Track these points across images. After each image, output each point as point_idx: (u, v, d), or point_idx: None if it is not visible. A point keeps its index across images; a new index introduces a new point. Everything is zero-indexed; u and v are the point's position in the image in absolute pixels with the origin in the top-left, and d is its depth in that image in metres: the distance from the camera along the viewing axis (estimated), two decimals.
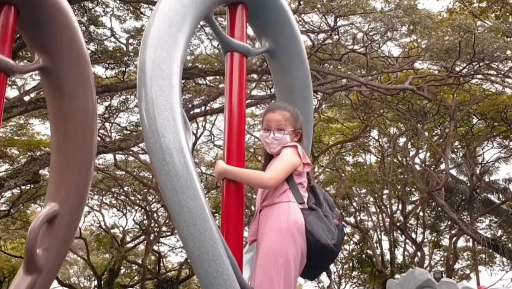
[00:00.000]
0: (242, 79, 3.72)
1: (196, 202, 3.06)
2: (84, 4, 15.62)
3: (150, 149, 3.12)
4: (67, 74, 2.77)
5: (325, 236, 3.39)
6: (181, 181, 3.05)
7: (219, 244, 3.08)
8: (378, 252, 27.89)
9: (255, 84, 17.58)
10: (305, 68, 4.22)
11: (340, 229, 3.59)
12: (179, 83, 3.32)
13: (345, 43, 16.94)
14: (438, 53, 15.24)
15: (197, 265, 3.07)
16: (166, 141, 3.09)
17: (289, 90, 4.20)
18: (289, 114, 3.68)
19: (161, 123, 3.10)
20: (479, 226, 28.79)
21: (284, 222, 3.36)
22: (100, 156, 23.25)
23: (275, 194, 3.49)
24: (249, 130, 23.70)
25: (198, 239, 3.03)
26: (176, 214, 3.06)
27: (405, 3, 14.88)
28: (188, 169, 3.09)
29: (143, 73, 3.17)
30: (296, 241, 3.33)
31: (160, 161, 3.07)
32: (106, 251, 31.66)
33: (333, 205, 3.75)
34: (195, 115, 16.50)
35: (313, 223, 3.41)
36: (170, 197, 3.06)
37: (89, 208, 28.95)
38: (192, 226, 3.04)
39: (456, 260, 28.08)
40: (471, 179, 26.28)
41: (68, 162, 2.89)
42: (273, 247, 3.31)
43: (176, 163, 3.07)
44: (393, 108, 20.71)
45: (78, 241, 29.60)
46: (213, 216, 3.18)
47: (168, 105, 3.16)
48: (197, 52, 18.53)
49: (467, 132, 23.48)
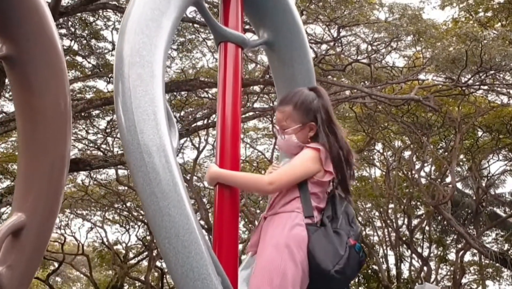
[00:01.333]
0: (237, 73, 3.31)
1: (180, 209, 2.59)
2: (85, 18, 15.50)
3: (126, 147, 2.68)
4: (35, 66, 2.39)
5: (327, 260, 2.89)
6: (161, 185, 2.59)
7: (206, 260, 2.61)
8: (384, 267, 27.57)
9: (257, 97, 17.44)
10: (308, 62, 3.82)
11: (356, 250, 3.01)
12: (162, 72, 2.85)
13: (349, 54, 16.81)
14: (444, 63, 15.00)
15: (180, 285, 2.59)
16: (145, 138, 2.64)
17: (290, 87, 3.70)
18: (290, 108, 3.18)
19: (140, 117, 2.66)
20: (485, 239, 28.48)
21: (282, 236, 2.93)
22: (102, 171, 23.12)
23: (281, 201, 3.06)
24: (252, 144, 23.55)
25: (182, 253, 2.56)
26: (155, 224, 2.60)
27: (410, 13, 14.74)
28: (170, 171, 2.63)
29: (120, 60, 2.76)
30: (295, 257, 2.89)
31: (137, 161, 2.62)
32: (109, 267, 31.43)
33: (354, 220, 3.18)
34: (197, 128, 16.32)
35: (316, 243, 2.93)
36: (148, 203, 2.61)
37: (92, 224, 28.81)
38: (174, 238, 2.57)
39: (463, 274, 27.74)
40: (477, 192, 26.01)
41: (37, 167, 2.44)
42: (268, 265, 2.89)
43: (156, 163, 2.61)
44: (397, 121, 20.51)
45: (81, 258, 29.44)
46: (202, 228, 2.79)
47: (148, 97, 2.72)
48: (199, 66, 18.46)
49: (472, 145, 23.25)
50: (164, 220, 2.57)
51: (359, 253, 3.01)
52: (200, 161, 23.89)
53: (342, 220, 3.07)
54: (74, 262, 29.72)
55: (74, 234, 29.28)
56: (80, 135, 19.97)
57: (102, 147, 19.26)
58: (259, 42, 3.71)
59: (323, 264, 2.87)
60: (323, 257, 2.89)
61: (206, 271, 2.58)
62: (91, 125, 18.85)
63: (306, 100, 3.18)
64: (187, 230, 2.59)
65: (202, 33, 16.05)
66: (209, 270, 2.60)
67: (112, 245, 29.54)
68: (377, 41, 15.94)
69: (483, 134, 23.17)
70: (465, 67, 14.52)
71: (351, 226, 3.09)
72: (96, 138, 19.73)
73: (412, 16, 14.63)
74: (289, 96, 3.25)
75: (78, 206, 26.72)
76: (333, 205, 3.13)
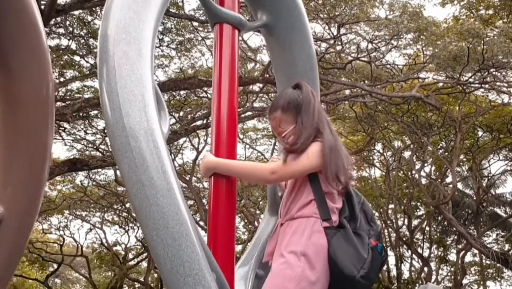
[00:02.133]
0: (233, 57, 3.10)
1: (169, 198, 2.35)
2: (83, 17, 15.39)
3: (110, 131, 2.45)
4: (14, 47, 2.21)
5: (351, 265, 2.69)
6: (149, 171, 2.35)
7: (199, 254, 2.37)
8: (384, 267, 27.48)
9: (256, 96, 17.33)
10: (309, 47, 3.56)
11: (379, 251, 2.84)
12: (150, 51, 2.61)
13: (349, 52, 16.71)
14: (446, 60, 14.87)
15: (169, 281, 2.34)
16: (131, 121, 2.39)
17: (290, 74, 3.50)
18: (279, 113, 3.02)
19: (125, 98, 2.41)
20: (486, 240, 28.40)
21: (300, 244, 2.72)
22: (101, 172, 23.02)
23: (296, 205, 2.86)
24: (252, 145, 23.45)
25: (171, 246, 2.32)
26: (142, 214, 2.36)
27: (410, 10, 14.65)
28: (159, 157, 2.40)
29: (104, 38, 2.52)
30: (315, 268, 2.68)
31: (122, 146, 2.38)
32: (108, 268, 31.32)
33: (373, 218, 3.00)
34: (195, 128, 16.20)
35: (338, 248, 2.72)
36: (135, 192, 2.36)
37: (91, 225, 28.71)
38: (163, 229, 2.32)
39: (464, 275, 27.64)
40: (478, 192, 25.92)
41: (17, 156, 2.25)
42: (283, 271, 2.68)
43: (142, 148, 2.37)
44: (398, 121, 20.41)
45: (80, 259, 29.35)
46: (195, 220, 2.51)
47: (135, 77, 2.46)
48: (198, 65, 18.35)
49: (473, 145, 23.17)
50: (151, 210, 2.34)
51: (381, 253, 2.86)
52: (200, 162, 23.76)
53: (361, 219, 2.92)
54: (73, 263, 29.64)
55: (73, 235, 29.19)
56: (79, 136, 19.85)
57: (100, 147, 19.13)
58: (257, 24, 3.48)
59: (346, 270, 2.69)
60: (346, 262, 2.70)
61: (199, 266, 2.35)
62: (89, 126, 18.72)
63: (291, 99, 3.02)
64: (177, 221, 2.36)
65: (201, 32, 15.95)
66: (201, 265, 2.37)
67: (111, 246, 29.43)
68: (378, 39, 15.84)
69: (484, 134, 23.08)
70: (467, 64, 14.40)
71: (370, 225, 2.94)
72: (94, 139, 19.61)
73: (412, 13, 14.52)
74: (275, 102, 3.11)
75: (77, 207, 26.63)
76: (350, 203, 2.95)
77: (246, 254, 3.32)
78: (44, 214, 25.69)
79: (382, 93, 15.68)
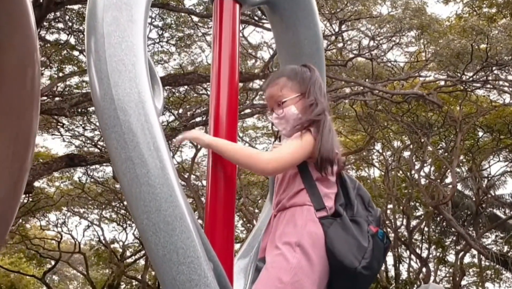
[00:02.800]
0: (234, 34, 2.90)
1: (162, 178, 2.14)
2: (83, 12, 15.29)
3: (97, 104, 2.22)
4: None
5: (351, 256, 2.49)
6: (139, 148, 2.13)
7: (194, 240, 2.15)
8: (382, 268, 27.41)
9: (256, 93, 17.23)
10: (315, 25, 3.33)
11: (380, 238, 2.63)
12: (143, 18, 2.39)
13: (351, 49, 16.63)
14: (449, 58, 14.73)
15: (161, 269, 2.13)
16: (120, 93, 2.16)
17: (295, 54, 3.27)
18: (284, 79, 2.78)
19: (114, 67, 2.18)
20: (484, 241, 28.34)
21: (294, 234, 2.53)
22: (99, 168, 22.91)
23: (287, 195, 2.66)
24: (251, 143, 23.35)
25: (164, 231, 2.10)
26: (131, 195, 2.14)
27: (413, 6, 14.54)
28: (151, 132, 2.18)
29: (93, 3, 2.32)
30: (311, 259, 2.49)
31: (110, 119, 2.15)
32: (105, 266, 31.22)
33: (371, 203, 2.77)
34: (195, 125, 16.08)
35: (335, 238, 2.52)
36: (123, 171, 2.14)
37: (89, 222, 28.62)
38: (155, 212, 2.11)
39: (463, 276, 27.58)
40: (478, 193, 25.85)
41: None
42: (277, 264, 2.49)
43: (132, 122, 2.14)
44: (397, 121, 20.33)
45: (78, 256, 29.28)
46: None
47: (125, 45, 2.23)
48: (198, 62, 18.26)
49: (473, 145, 23.10)
50: (142, 190, 2.12)
51: (383, 240, 2.64)
52: (199, 160, 23.69)
53: (358, 205, 2.70)
54: (70, 260, 29.56)
55: (71, 232, 29.13)
56: (77, 132, 19.76)
57: (99, 144, 19.04)
58: (260, 0, 3.24)
59: (346, 261, 2.49)
60: (345, 253, 2.50)
61: (194, 253, 2.13)
62: (88, 122, 18.61)
63: (299, 71, 2.83)
64: (171, 203, 2.13)
65: (202, 28, 15.86)
66: (197, 252, 2.14)
67: (109, 244, 29.37)
68: (380, 36, 15.75)
69: (484, 134, 23.01)
70: (470, 61, 14.26)
71: (368, 210, 2.71)
72: (93, 135, 19.51)
73: (415, 10, 14.40)
74: (282, 70, 2.94)
75: (75, 204, 26.59)
76: (345, 189, 2.74)
77: (246, 246, 3.15)
78: (42, 210, 25.63)
79: (384, 90, 15.57)
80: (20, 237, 26.81)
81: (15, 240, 27.51)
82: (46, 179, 23.60)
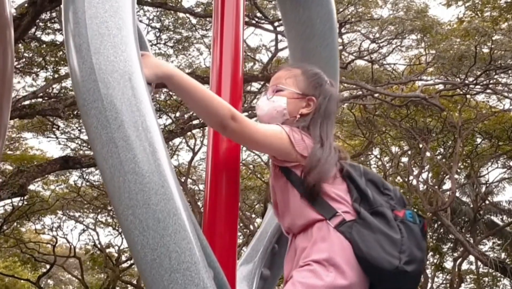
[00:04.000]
0: (238, 27, 2.54)
1: (152, 165, 1.75)
2: None
3: (74, 74, 1.84)
4: None
5: (386, 255, 2.12)
6: (124, 128, 1.75)
7: (192, 242, 1.76)
8: None
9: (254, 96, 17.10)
10: (328, 2, 2.95)
11: (410, 220, 2.24)
12: None
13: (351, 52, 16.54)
14: (451, 60, 14.58)
15: (149, 278, 1.72)
16: (101, 61, 1.79)
17: (305, 36, 2.90)
18: (299, 71, 2.47)
19: (95, 31, 1.82)
20: (482, 248, 28.27)
21: (321, 253, 2.14)
22: (95, 172, 22.71)
23: (291, 216, 2.30)
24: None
25: (153, 230, 1.70)
26: (114, 187, 1.76)
27: (415, 8, 14.46)
28: (139, 109, 1.80)
29: None
30: (345, 273, 2.12)
31: (89, 93, 1.78)
32: (101, 270, 31.07)
33: (385, 184, 2.38)
34: (192, 127, 15.92)
35: (362, 241, 2.15)
36: (104, 156, 1.76)
37: (84, 226, 28.48)
38: (142, 207, 1.71)
39: (461, 283, 27.46)
40: (476, 199, 25.77)
41: None
42: (307, 286, 2.08)
43: (116, 97, 1.76)
44: (396, 126, 20.23)
45: (73, 260, 29.14)
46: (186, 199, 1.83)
47: (110, 4, 1.87)
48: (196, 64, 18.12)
49: (471, 152, 23.02)
50: (127, 180, 1.73)
51: (415, 221, 2.26)
52: (196, 163, 23.53)
53: (372, 194, 2.29)
54: (66, 264, 29.39)
55: (66, 236, 28.98)
56: (73, 135, 19.62)
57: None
58: None
59: (383, 263, 2.12)
60: (378, 255, 2.12)
61: (191, 258, 1.73)
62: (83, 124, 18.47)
63: (319, 76, 2.50)
64: (163, 195, 1.74)
65: (200, 30, 15.75)
66: (195, 257, 1.74)
67: (104, 248, 29.18)
68: (380, 38, 15.66)
69: (482, 141, 22.95)
70: (474, 64, 14.08)
71: (384, 193, 2.33)
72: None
73: (417, 11, 14.29)
74: (301, 63, 2.64)
75: (70, 208, 26.42)
76: (351, 179, 2.34)
77: (249, 250, 2.80)
78: (37, 213, 25.47)
79: (385, 93, 15.43)
80: (15, 240, 26.63)
81: (10, 244, 27.35)
82: (41, 182, 23.42)
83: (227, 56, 2.58)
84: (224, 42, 2.60)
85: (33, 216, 25.54)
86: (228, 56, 2.58)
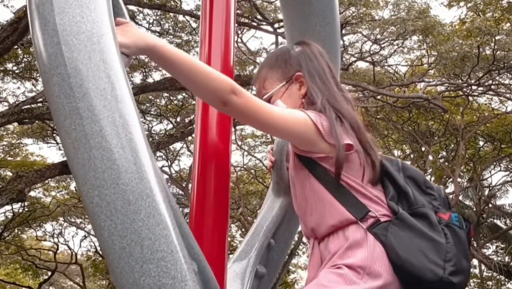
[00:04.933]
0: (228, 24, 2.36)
1: (123, 138, 1.52)
2: None
3: (35, 36, 1.56)
4: None
5: (429, 263, 1.83)
6: (89, 96, 1.50)
7: (169, 228, 1.51)
8: None
9: None
10: None
11: (456, 224, 1.94)
12: None
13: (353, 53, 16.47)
14: (454, 61, 14.46)
15: (117, 269, 1.47)
16: (66, 21, 1.53)
17: (303, 15, 2.64)
18: (265, 70, 2.25)
19: None
20: (485, 252, 28.18)
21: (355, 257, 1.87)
22: None
23: (317, 217, 2.03)
24: (250, 152, 23.12)
25: (122, 214, 1.46)
26: (77, 164, 1.51)
27: (417, 8, 14.40)
28: (108, 75, 1.55)
29: None
30: (381, 276, 1.85)
31: (51, 58, 1.52)
32: (102, 277, 30.94)
33: (427, 183, 2.07)
34: (192, 131, 15.81)
35: (399, 245, 1.86)
36: (67, 128, 1.51)
37: (86, 233, 28.37)
38: (110, 187, 1.47)
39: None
40: (479, 203, 25.67)
41: None
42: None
43: (81, 61, 1.51)
44: (398, 129, 20.15)
45: (75, 267, 29.03)
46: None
47: None
48: None
49: (474, 154, 22.94)
50: (92, 156, 1.49)
51: (461, 225, 1.96)
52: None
53: (413, 192, 2.01)
54: (67, 271, 29.29)
55: (67, 242, 28.86)
56: None
57: None
58: None
59: (425, 273, 1.83)
60: (420, 263, 1.84)
61: (167, 247, 1.48)
62: None
63: (282, 52, 2.28)
64: (135, 173, 1.50)
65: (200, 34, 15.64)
66: (172, 245, 1.50)
67: None
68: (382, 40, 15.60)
69: (485, 144, 22.88)
70: (477, 64, 13.96)
71: (427, 193, 2.03)
72: None
73: (419, 12, 14.21)
74: (263, 61, 2.38)
75: (71, 214, 26.30)
76: (388, 175, 2.05)
77: (243, 246, 2.52)
78: (38, 220, 25.38)
79: (388, 94, 15.30)
80: (16, 247, 26.53)
81: (11, 251, 27.27)
82: (42, 188, 23.33)
83: (216, 58, 2.38)
84: (213, 44, 2.40)
85: (34, 222, 25.46)
86: (218, 58, 2.38)
